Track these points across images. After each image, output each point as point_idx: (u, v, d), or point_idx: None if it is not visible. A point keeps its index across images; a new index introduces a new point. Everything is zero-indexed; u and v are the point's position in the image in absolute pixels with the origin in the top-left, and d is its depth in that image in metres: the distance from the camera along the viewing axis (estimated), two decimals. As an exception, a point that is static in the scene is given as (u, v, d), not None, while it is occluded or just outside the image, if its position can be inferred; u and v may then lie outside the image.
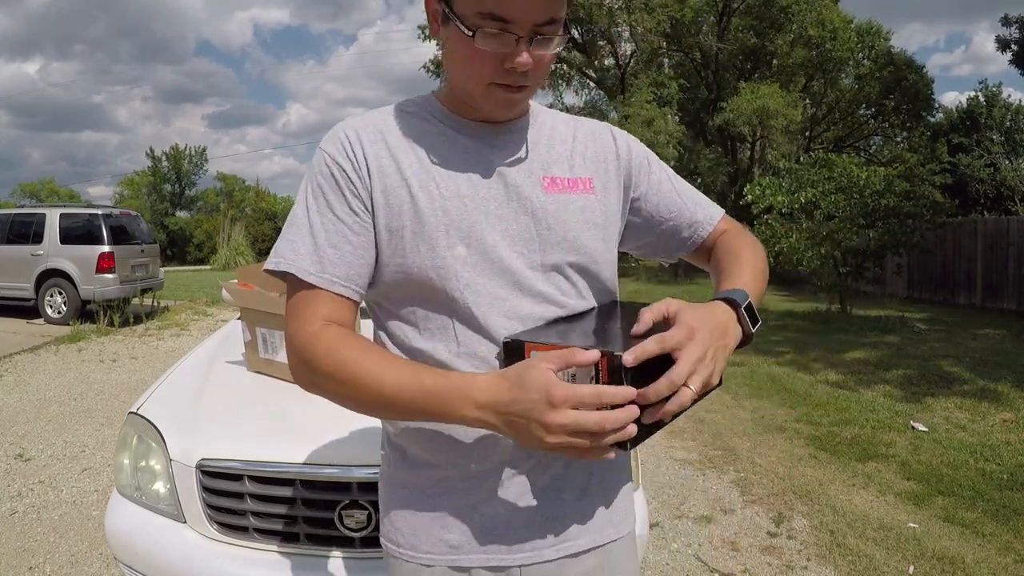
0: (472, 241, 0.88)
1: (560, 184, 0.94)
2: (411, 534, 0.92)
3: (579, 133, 1.01)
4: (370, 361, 0.82)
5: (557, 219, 0.91)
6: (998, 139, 24.55)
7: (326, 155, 0.90)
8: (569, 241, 0.92)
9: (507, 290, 0.88)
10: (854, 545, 2.86)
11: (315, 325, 0.85)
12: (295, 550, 1.69)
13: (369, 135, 0.91)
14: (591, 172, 0.98)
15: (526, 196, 0.91)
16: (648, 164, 1.04)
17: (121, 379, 6.13)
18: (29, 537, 2.95)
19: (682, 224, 1.05)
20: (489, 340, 0.87)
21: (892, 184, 9.46)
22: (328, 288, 0.87)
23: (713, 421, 4.75)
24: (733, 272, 0.94)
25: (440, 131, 0.93)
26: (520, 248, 0.90)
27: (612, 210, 0.99)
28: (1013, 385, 5.52)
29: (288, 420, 1.98)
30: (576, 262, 0.93)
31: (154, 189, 43.05)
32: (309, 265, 0.86)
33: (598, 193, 0.97)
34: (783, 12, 19.15)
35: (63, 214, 9.91)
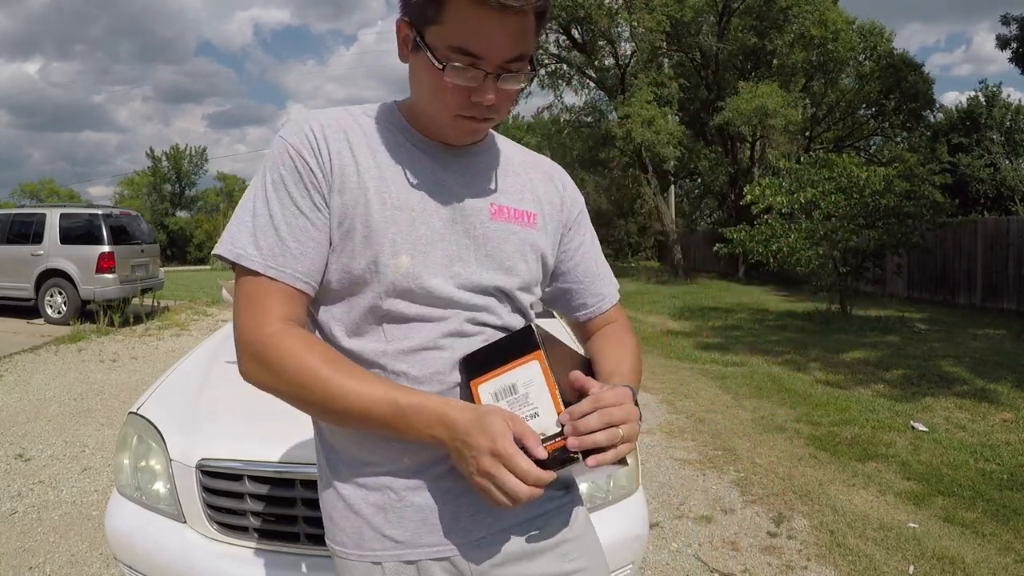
0: (415, 254, 0.89)
1: (506, 213, 0.96)
2: (355, 533, 0.92)
3: (534, 171, 1.05)
4: (338, 373, 0.83)
5: (496, 246, 0.94)
6: (998, 139, 24.56)
7: (289, 146, 0.89)
8: (505, 268, 0.95)
9: (435, 306, 0.90)
10: (854, 545, 2.86)
11: (274, 325, 0.85)
12: (295, 550, 1.69)
13: (333, 132, 0.90)
14: (537, 209, 1.01)
15: (471, 221, 0.93)
16: (583, 223, 1.09)
17: (121, 379, 6.13)
18: (29, 537, 2.95)
19: (588, 292, 1.09)
20: (419, 344, 0.89)
21: (892, 184, 9.46)
22: (289, 283, 0.86)
23: (713, 421, 4.75)
24: (618, 365, 1.00)
25: (399, 142, 0.94)
26: (457, 268, 0.92)
27: (547, 250, 1.02)
28: (1013, 385, 5.52)
29: (288, 420, 1.97)
30: (506, 287, 0.95)
31: (154, 189, 43.09)
32: (272, 259, 0.86)
33: (539, 230, 1.00)
34: (783, 12, 19.13)
35: (63, 214, 9.92)
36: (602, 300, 1.10)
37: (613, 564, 1.81)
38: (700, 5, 19.47)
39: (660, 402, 5.29)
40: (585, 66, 20.92)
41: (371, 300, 0.89)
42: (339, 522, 0.94)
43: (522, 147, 1.09)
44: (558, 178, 1.08)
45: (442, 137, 0.94)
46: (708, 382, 5.99)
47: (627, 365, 1.01)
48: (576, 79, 22.16)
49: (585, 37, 20.40)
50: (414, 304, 0.89)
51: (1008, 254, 10.62)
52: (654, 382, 5.94)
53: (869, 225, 9.40)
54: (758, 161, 21.16)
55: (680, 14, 18.66)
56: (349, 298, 0.91)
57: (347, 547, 0.93)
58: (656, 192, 20.37)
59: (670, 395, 5.52)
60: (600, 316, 1.10)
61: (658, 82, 18.85)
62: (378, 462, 0.91)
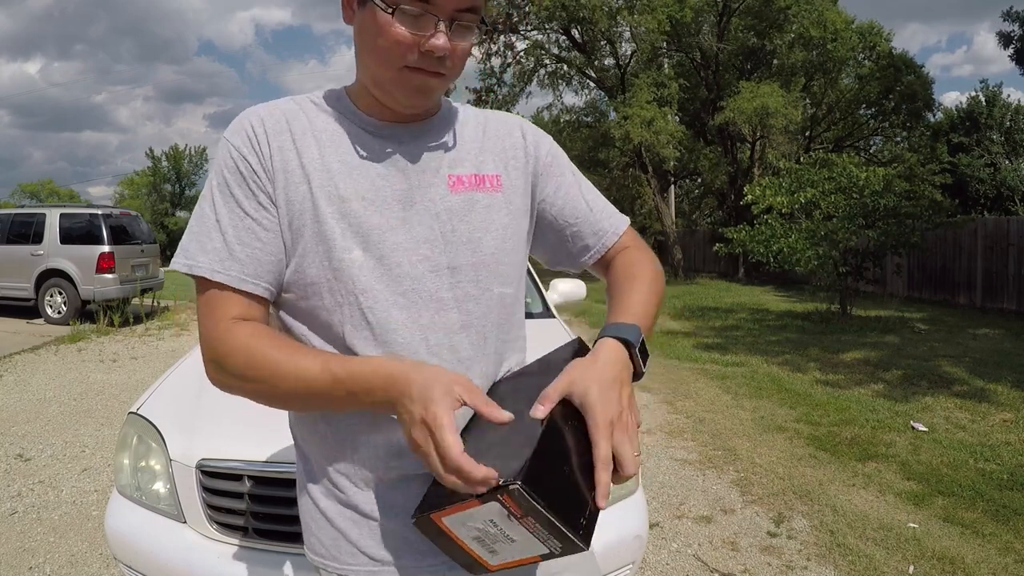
0: (370, 245, 0.85)
1: (466, 182, 0.92)
2: (332, 545, 0.90)
3: (489, 127, 0.99)
4: (279, 352, 0.81)
5: (461, 219, 0.89)
6: (998, 139, 24.55)
7: (231, 147, 0.86)
8: (474, 242, 0.90)
9: (405, 297, 0.86)
10: (854, 545, 2.86)
11: (225, 323, 0.83)
12: (295, 550, 1.69)
13: (274, 125, 0.87)
14: (499, 168, 0.95)
15: (430, 197, 0.89)
16: (556, 165, 1.01)
17: (121, 379, 6.13)
18: (29, 537, 2.95)
19: (585, 231, 1.02)
20: (381, 345, 0.84)
21: (892, 184, 9.46)
22: (238, 287, 0.84)
23: (713, 421, 4.75)
24: (627, 299, 0.93)
25: (346, 129, 0.90)
26: (424, 251, 0.87)
27: (518, 208, 0.96)
28: (1013, 385, 5.52)
29: (288, 420, 1.98)
30: (480, 263, 0.90)
31: (154, 189, 43.07)
32: (218, 264, 0.83)
33: (504, 191, 0.95)
34: (783, 12, 19.14)
35: (63, 214, 9.92)
36: (603, 236, 1.02)
37: (613, 564, 1.81)
38: (700, 5, 19.47)
39: (660, 402, 5.29)
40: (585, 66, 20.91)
41: (328, 299, 0.85)
42: (316, 532, 0.92)
43: (476, 109, 1.03)
44: (517, 128, 1.01)
45: (392, 104, 0.89)
46: (708, 382, 5.99)
47: (637, 304, 0.92)
48: (576, 79, 22.17)
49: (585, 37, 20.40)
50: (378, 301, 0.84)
51: (1008, 254, 10.61)
52: (654, 382, 5.94)
53: (869, 225, 9.40)
54: (758, 161, 21.15)
55: (680, 14, 18.66)
56: (311, 301, 0.86)
57: (324, 558, 0.91)
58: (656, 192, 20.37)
59: (670, 395, 5.52)
60: (608, 252, 1.03)
61: (658, 82, 18.85)
62: (350, 475, 0.89)
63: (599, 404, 0.76)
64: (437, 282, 0.87)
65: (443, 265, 0.88)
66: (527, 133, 1.01)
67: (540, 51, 20.71)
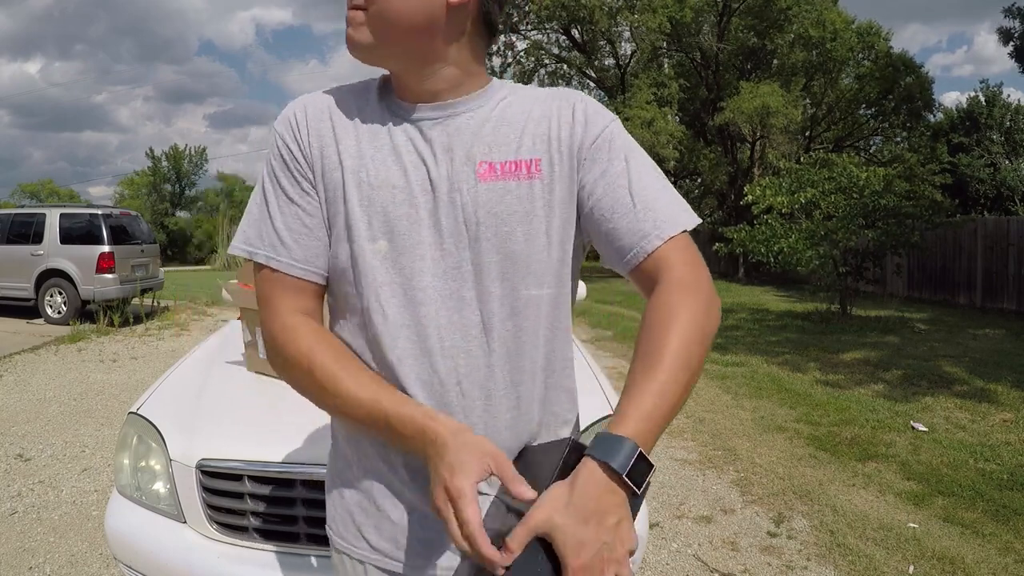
0: (396, 236, 0.83)
1: (498, 170, 0.83)
2: (343, 524, 0.93)
3: (538, 106, 0.88)
4: (337, 370, 0.81)
5: (488, 211, 0.82)
6: (998, 139, 24.56)
7: (277, 135, 0.88)
8: (500, 237, 0.82)
9: (424, 292, 0.82)
10: (854, 545, 2.86)
11: (284, 317, 0.86)
12: (295, 550, 1.69)
13: (315, 113, 0.88)
14: (540, 152, 0.85)
15: (457, 186, 0.83)
16: (607, 147, 0.85)
17: (121, 379, 6.13)
18: (29, 537, 2.95)
19: (622, 230, 0.83)
20: (401, 340, 0.83)
21: (892, 184, 9.47)
22: (288, 272, 0.86)
23: (713, 421, 4.75)
24: (639, 387, 0.73)
25: (381, 113, 0.88)
26: (448, 245, 0.83)
27: (561, 198, 0.85)
28: (1013, 385, 5.52)
29: (288, 420, 1.97)
30: (506, 260, 0.83)
31: (154, 189, 43.06)
32: (271, 251, 0.86)
33: (544, 176, 0.85)
34: (783, 12, 19.15)
35: (63, 214, 9.92)
36: (643, 238, 0.82)
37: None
38: (700, 5, 19.48)
39: (660, 402, 5.28)
40: (585, 66, 20.92)
41: (353, 288, 0.85)
42: (331, 506, 0.96)
43: (531, 90, 0.92)
44: (570, 105, 0.88)
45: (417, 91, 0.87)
46: (708, 382, 5.99)
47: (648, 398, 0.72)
48: (576, 79, 22.17)
49: (585, 37, 20.41)
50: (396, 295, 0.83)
51: (1008, 254, 10.61)
52: (654, 382, 5.93)
53: (869, 225, 9.41)
54: (758, 161, 21.16)
55: (680, 14, 18.67)
56: (343, 288, 0.87)
57: (335, 534, 0.95)
58: (656, 192, 20.34)
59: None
60: (646, 263, 0.82)
61: (658, 82, 18.86)
62: (367, 467, 0.90)
63: (569, 547, 0.67)
64: (459, 279, 0.83)
65: (466, 261, 0.83)
66: (579, 110, 0.87)
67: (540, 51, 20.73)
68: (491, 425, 0.84)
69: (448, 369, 0.83)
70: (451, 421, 0.77)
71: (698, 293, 0.80)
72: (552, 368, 0.89)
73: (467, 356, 0.83)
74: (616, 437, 0.70)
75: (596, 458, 0.69)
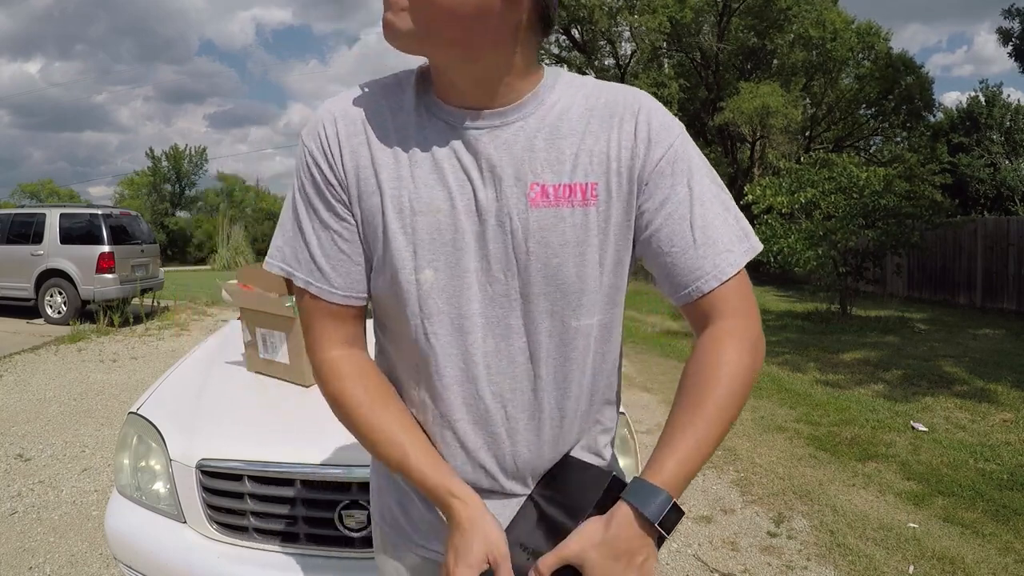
0: (441, 265, 0.78)
1: (551, 194, 0.77)
2: (381, 512, 0.96)
3: (596, 115, 0.80)
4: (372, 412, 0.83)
5: (539, 240, 0.77)
6: (998, 139, 24.55)
7: (306, 150, 0.82)
8: (551, 268, 0.78)
9: (471, 321, 0.80)
10: (854, 545, 2.86)
11: (326, 351, 0.85)
12: (295, 550, 1.69)
13: (348, 127, 0.80)
14: (598, 175, 0.78)
15: (506, 211, 0.77)
16: (670, 170, 0.79)
17: (121, 379, 6.13)
18: (29, 537, 2.95)
19: (680, 266, 0.79)
20: (448, 368, 0.82)
21: (892, 184, 9.47)
22: (328, 300, 0.83)
23: (713, 421, 4.74)
24: (678, 438, 0.75)
25: (418, 118, 0.80)
26: (496, 272, 0.78)
27: (617, 224, 0.80)
28: (1013, 385, 5.52)
29: (288, 420, 1.98)
30: (557, 292, 0.79)
31: (154, 189, 43.06)
32: (309, 275, 0.83)
33: (601, 203, 0.79)
34: (783, 12, 19.16)
35: (63, 214, 9.91)
36: (699, 278, 0.79)
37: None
38: (700, 5, 19.48)
39: (660, 402, 5.29)
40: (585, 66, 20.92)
41: (401, 318, 0.82)
42: (376, 497, 0.99)
43: (588, 86, 0.83)
44: (632, 117, 0.79)
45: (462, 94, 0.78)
46: (708, 382, 5.98)
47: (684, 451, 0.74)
48: (576, 79, 22.17)
49: (585, 37, 20.41)
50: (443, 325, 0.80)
51: (1008, 254, 10.61)
52: (653, 382, 5.94)
53: (869, 225, 9.41)
54: (758, 161, 21.16)
55: (680, 15, 18.67)
56: (384, 311, 0.85)
57: (372, 506, 0.99)
58: (656, 192, 20.36)
59: (670, 395, 5.50)
60: (703, 300, 0.79)
61: (658, 82, 18.86)
62: None
63: None
64: (506, 307, 0.80)
65: (514, 290, 0.79)
66: (641, 125, 0.79)
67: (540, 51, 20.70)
68: (534, 442, 0.85)
69: (494, 394, 0.82)
70: (470, 500, 0.79)
71: (747, 340, 0.79)
72: (597, 387, 0.88)
73: (513, 381, 0.82)
74: (652, 487, 0.73)
75: (632, 504, 0.73)
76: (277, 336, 2.21)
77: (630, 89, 0.83)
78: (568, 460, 0.88)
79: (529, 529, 0.83)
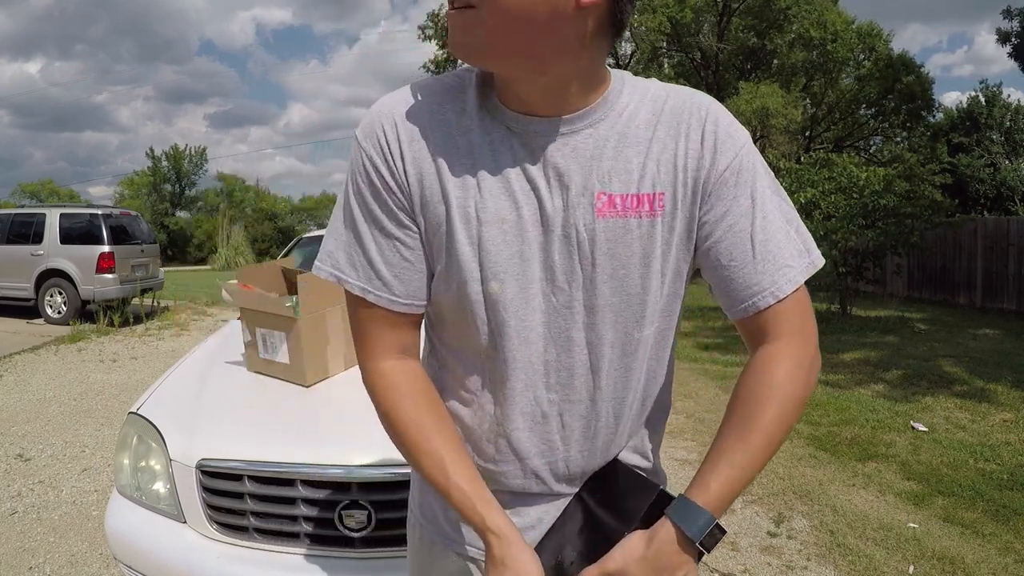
0: (508, 276, 0.76)
1: (618, 204, 0.76)
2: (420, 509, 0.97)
3: (664, 121, 0.78)
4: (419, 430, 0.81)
5: (605, 252, 0.76)
6: (998, 139, 24.56)
7: (364, 154, 0.78)
8: (617, 279, 0.77)
9: (535, 331, 0.79)
10: (854, 545, 2.86)
11: (379, 361, 0.82)
12: (295, 550, 1.69)
13: (408, 131, 0.77)
14: (665, 185, 0.77)
15: (572, 221, 0.75)
16: (734, 180, 0.77)
17: (121, 379, 6.13)
18: (29, 537, 2.95)
19: (737, 280, 0.78)
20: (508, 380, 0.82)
21: (892, 184, 9.47)
22: (388, 308, 0.80)
23: (713, 421, 4.75)
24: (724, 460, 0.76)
25: (482, 124, 0.77)
26: (561, 282, 0.77)
27: (680, 234, 0.79)
28: (1013, 385, 5.52)
29: (288, 420, 1.98)
30: (622, 304, 0.79)
31: (154, 189, 43.10)
32: (367, 283, 0.79)
33: (666, 214, 0.77)
34: (783, 12, 19.18)
35: (63, 214, 9.92)
36: (755, 294, 0.77)
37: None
38: (700, 5, 19.49)
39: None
40: (585, 66, 20.93)
41: (462, 331, 0.82)
42: (417, 493, 0.99)
43: (654, 90, 0.80)
44: (699, 125, 0.78)
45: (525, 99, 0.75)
46: (708, 382, 5.99)
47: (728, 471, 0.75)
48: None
49: (585, 37, 20.43)
50: (508, 338, 0.79)
51: (1008, 254, 10.61)
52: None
53: (869, 225, 9.41)
54: (758, 161, 21.16)
55: (680, 15, 18.67)
56: (444, 318, 0.84)
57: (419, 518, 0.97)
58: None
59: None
60: (758, 316, 0.78)
61: (658, 82, 18.87)
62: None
63: None
64: (569, 319, 0.79)
65: (578, 301, 0.78)
66: (708, 133, 0.77)
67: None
68: (587, 448, 0.86)
69: (551, 402, 0.82)
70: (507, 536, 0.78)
71: (801, 361, 0.79)
72: (651, 392, 0.88)
73: (572, 392, 0.82)
74: (696, 508, 0.74)
75: (676, 523, 0.74)
76: (277, 336, 2.21)
77: (695, 93, 0.81)
78: (617, 465, 0.89)
79: (575, 530, 0.84)
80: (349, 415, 1.97)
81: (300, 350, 2.15)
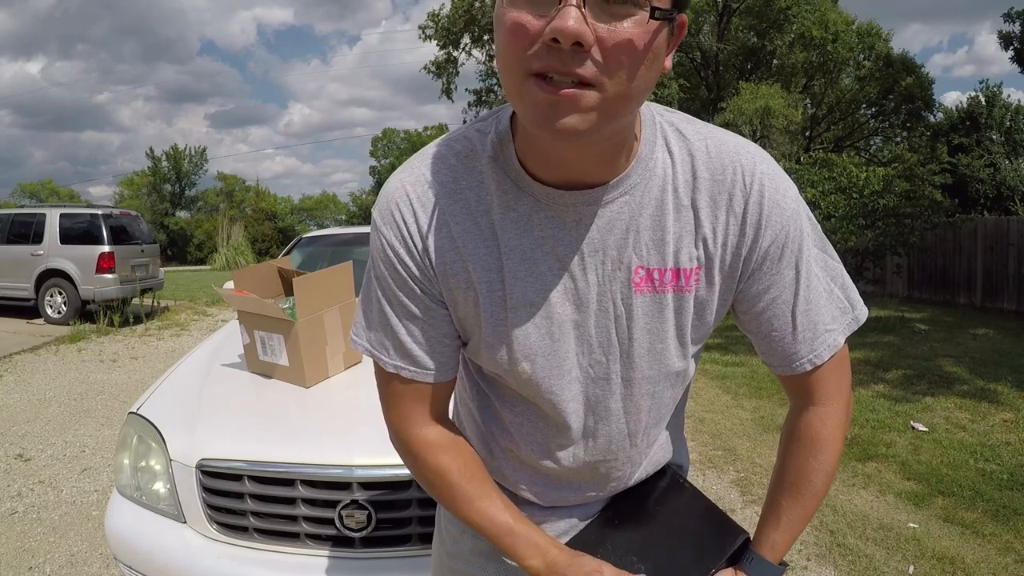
0: (538, 358, 0.76)
1: (656, 280, 0.73)
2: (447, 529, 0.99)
3: (700, 196, 0.72)
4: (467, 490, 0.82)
5: (643, 328, 0.75)
6: (998, 139, 24.54)
7: (384, 241, 0.75)
8: (655, 354, 0.76)
9: (575, 402, 0.79)
10: (854, 545, 2.86)
11: (418, 428, 0.82)
12: (295, 550, 1.69)
13: (426, 211, 0.73)
14: (701, 258, 0.73)
15: (609, 296, 0.73)
16: (779, 254, 0.73)
17: (121, 379, 6.13)
18: (29, 537, 2.95)
19: (776, 349, 0.79)
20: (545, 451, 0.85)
21: (892, 184, 9.48)
22: (423, 381, 0.80)
23: (713, 421, 4.75)
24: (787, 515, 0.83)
25: (507, 202, 0.72)
26: (597, 355, 0.76)
27: (714, 304, 0.77)
28: (1013, 385, 5.52)
29: (288, 420, 1.98)
30: (658, 375, 0.79)
31: (154, 189, 43.08)
32: (400, 361, 0.79)
33: (701, 288, 0.75)
34: (783, 12, 19.17)
35: (63, 214, 9.91)
36: (793, 362, 0.78)
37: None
38: (700, 5, 19.48)
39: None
40: (585, 66, 20.90)
41: (498, 403, 0.85)
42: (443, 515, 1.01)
43: (696, 139, 0.74)
44: (741, 192, 0.71)
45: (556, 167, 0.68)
46: (708, 382, 5.99)
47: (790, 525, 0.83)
48: (576, 79, 22.15)
49: (585, 37, 20.39)
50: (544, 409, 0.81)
51: (1008, 254, 10.61)
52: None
53: (869, 225, 9.41)
54: (758, 161, 21.15)
55: (680, 14, 18.66)
56: (478, 387, 0.88)
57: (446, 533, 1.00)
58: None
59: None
60: (796, 378, 0.80)
61: (658, 82, 18.85)
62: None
63: None
64: (607, 390, 0.79)
65: (615, 373, 0.78)
66: (752, 206, 0.72)
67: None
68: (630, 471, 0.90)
69: (592, 457, 0.86)
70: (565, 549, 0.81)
71: (841, 419, 0.83)
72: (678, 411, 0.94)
73: (608, 453, 0.85)
74: (768, 565, 0.84)
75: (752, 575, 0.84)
76: (276, 339, 2.21)
77: (740, 151, 0.73)
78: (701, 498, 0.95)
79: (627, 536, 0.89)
80: (349, 415, 1.97)
81: (299, 352, 2.14)
